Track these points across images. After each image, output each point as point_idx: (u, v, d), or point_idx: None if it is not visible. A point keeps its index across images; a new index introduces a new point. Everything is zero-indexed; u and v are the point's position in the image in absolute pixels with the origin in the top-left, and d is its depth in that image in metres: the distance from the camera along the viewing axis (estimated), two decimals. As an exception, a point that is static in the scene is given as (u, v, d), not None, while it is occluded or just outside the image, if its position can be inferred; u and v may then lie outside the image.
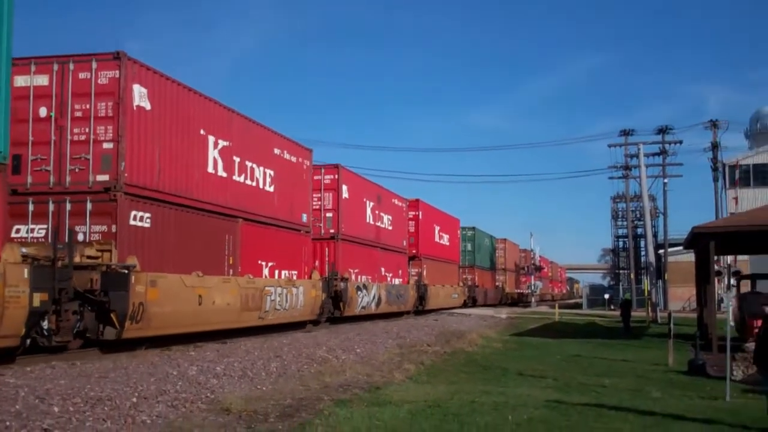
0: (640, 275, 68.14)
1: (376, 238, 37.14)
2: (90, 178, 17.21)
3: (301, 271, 27.29)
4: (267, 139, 25.27)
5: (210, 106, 21.43)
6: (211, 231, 21.13)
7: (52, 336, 15.19)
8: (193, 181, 20.31)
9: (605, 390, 13.98)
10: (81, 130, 17.39)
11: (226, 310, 21.07)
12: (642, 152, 50.48)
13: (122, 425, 9.55)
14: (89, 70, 17.52)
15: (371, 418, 10.27)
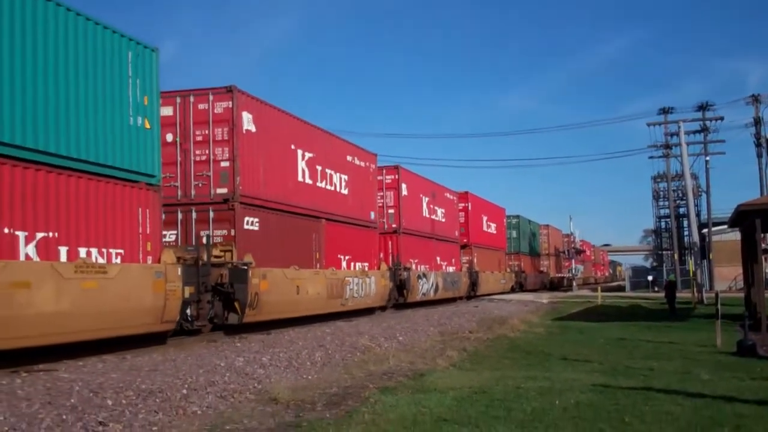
0: (684, 256, 67.37)
1: (431, 230, 40.34)
2: (211, 191, 20.74)
3: (371, 263, 31.02)
4: (341, 148, 29.05)
5: (298, 124, 25.09)
6: (302, 231, 24.76)
7: (194, 321, 18.60)
8: (288, 189, 23.90)
9: (652, 373, 13.82)
10: (202, 151, 20.93)
11: (317, 298, 24.73)
12: (682, 130, 49.73)
13: (174, 416, 9.74)
14: (207, 102, 20.98)
15: (417, 405, 10.31)
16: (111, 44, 16.06)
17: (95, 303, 14.43)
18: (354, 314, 29.07)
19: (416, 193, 38.12)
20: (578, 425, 8.89)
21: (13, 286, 12.58)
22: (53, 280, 13.47)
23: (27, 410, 9.13)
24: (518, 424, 8.95)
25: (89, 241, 14.91)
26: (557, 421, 9.14)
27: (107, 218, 15.48)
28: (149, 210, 16.76)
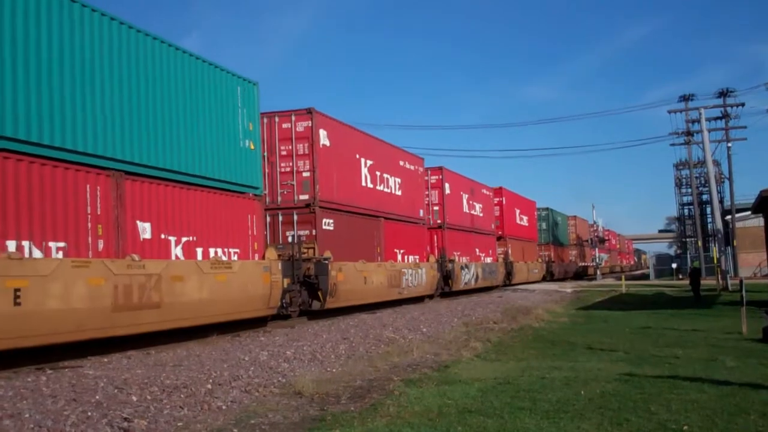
0: (708, 242, 66.83)
1: (471, 224, 44.33)
2: (295, 198, 24.58)
3: (421, 256, 35.00)
4: (394, 154, 32.76)
5: (360, 136, 29.12)
6: (366, 229, 28.79)
7: (287, 307, 22.37)
8: (354, 193, 27.76)
9: (678, 361, 13.70)
10: (286, 164, 24.75)
11: (380, 287, 28.85)
12: (704, 117, 49.27)
13: (199, 411, 9.75)
14: (290, 122, 24.87)
15: (442, 397, 10.29)
16: (226, 83, 20.02)
17: (225, 292, 18.29)
18: (408, 302, 33.22)
19: (457, 191, 41.90)
20: (604, 415, 8.84)
21: (173, 279, 16.46)
22: (197, 275, 17.33)
23: (52, 407, 9.20)
24: (544, 415, 8.91)
25: (216, 243, 18.91)
26: (583, 411, 9.09)
27: (227, 224, 19.50)
28: (255, 216, 20.81)
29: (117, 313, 14.66)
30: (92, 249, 14.81)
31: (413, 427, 8.49)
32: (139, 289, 15.31)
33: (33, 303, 12.74)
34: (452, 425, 8.51)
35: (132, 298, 15.10)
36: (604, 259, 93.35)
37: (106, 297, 14.43)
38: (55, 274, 13.26)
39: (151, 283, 15.69)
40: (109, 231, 15.30)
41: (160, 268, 16.12)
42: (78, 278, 13.78)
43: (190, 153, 18.07)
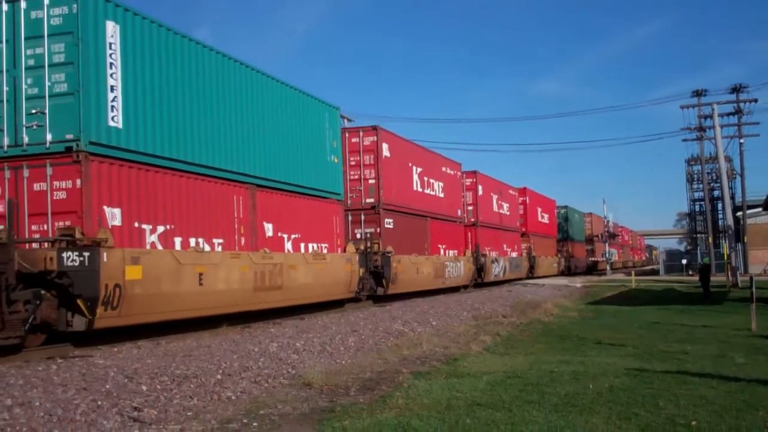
0: (719, 239, 66.65)
1: (500, 222, 48.82)
2: (362, 201, 29.00)
3: (459, 250, 39.58)
4: (438, 161, 37.32)
5: (412, 147, 33.98)
6: (418, 227, 33.41)
7: (360, 292, 26.99)
8: (407, 197, 32.28)
9: (687, 357, 13.70)
10: (355, 172, 29.15)
11: (428, 277, 33.62)
12: (716, 112, 49.02)
13: (208, 402, 9.79)
14: (358, 137, 29.46)
15: (451, 390, 10.31)
16: (319, 109, 24.67)
17: (321, 278, 22.98)
18: (449, 291, 37.66)
19: (488, 192, 46.60)
20: (612, 409, 8.85)
21: (290, 267, 21.05)
22: (304, 264, 22.06)
23: (62, 396, 9.23)
24: (552, 408, 8.93)
25: (313, 239, 23.47)
26: (591, 405, 9.11)
27: (320, 223, 24.06)
28: (338, 217, 25.53)
29: (256, 292, 19.28)
30: (237, 244, 19.22)
31: (422, 419, 8.51)
32: (269, 275, 19.91)
33: (208, 284, 17.19)
34: (461, 418, 8.53)
35: (265, 281, 19.68)
36: (614, 255, 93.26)
37: (250, 280, 18.98)
38: (221, 263, 17.87)
39: (276, 270, 20.34)
40: (247, 230, 19.72)
41: (282, 258, 20.85)
42: (234, 266, 18.38)
43: (296, 168, 22.62)
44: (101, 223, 14.45)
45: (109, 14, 15.19)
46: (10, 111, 14.70)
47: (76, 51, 14.41)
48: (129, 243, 15.14)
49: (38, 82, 14.61)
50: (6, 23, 14.77)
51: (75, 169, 14.20)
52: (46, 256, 13.49)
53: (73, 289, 13.63)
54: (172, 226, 16.61)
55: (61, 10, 14.52)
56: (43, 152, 14.48)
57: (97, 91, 14.74)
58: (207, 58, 18.51)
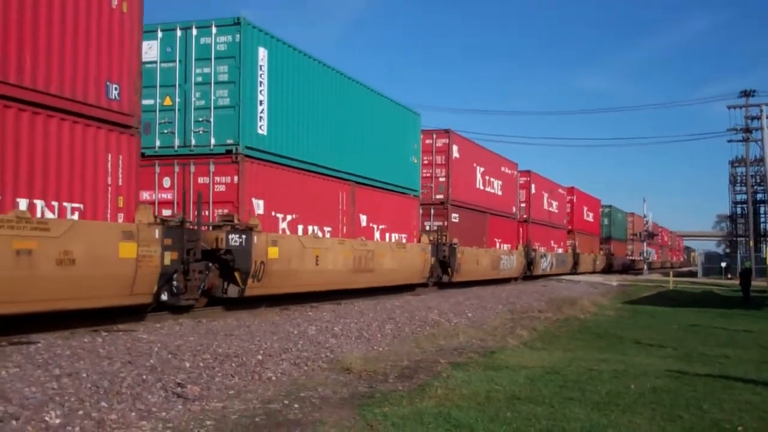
0: (760, 243, 65.62)
1: (549, 219, 51.21)
2: (432, 196, 31.39)
3: (512, 245, 42.26)
4: (497, 161, 39.89)
5: (477, 148, 36.62)
6: (479, 222, 36.02)
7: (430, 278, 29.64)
8: (472, 194, 34.80)
9: (729, 361, 13.50)
10: (427, 171, 31.38)
11: (486, 268, 36.57)
12: (764, 113, 47.90)
13: (249, 381, 9.86)
14: (431, 139, 31.87)
15: (489, 382, 10.25)
16: (404, 116, 27.96)
17: (402, 264, 26.27)
18: (502, 282, 40.25)
19: (540, 191, 48.99)
20: (655, 410, 8.71)
21: (379, 254, 24.26)
22: (390, 251, 25.23)
23: (108, 368, 9.32)
24: (594, 406, 8.82)
25: (396, 229, 26.57)
26: (633, 405, 8.97)
27: (402, 216, 27.20)
28: (415, 211, 28.72)
29: (354, 273, 22.50)
30: (341, 232, 22.33)
31: (462, 410, 8.47)
32: (364, 259, 23.09)
33: (322, 264, 20.41)
34: (501, 410, 8.46)
35: (361, 264, 22.91)
36: (652, 254, 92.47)
37: (350, 263, 22.26)
38: (331, 247, 21.23)
39: (369, 256, 23.52)
40: (348, 221, 22.85)
41: (374, 246, 24.08)
42: (340, 251, 21.70)
43: (386, 167, 25.70)
44: (251, 212, 17.70)
45: (261, 41, 18.46)
46: (180, 118, 17.91)
47: (238, 72, 17.64)
48: (268, 228, 18.30)
49: (205, 96, 17.81)
50: (179, 46, 18.01)
51: (234, 167, 17.54)
52: (218, 236, 16.63)
53: (234, 263, 16.89)
54: (297, 215, 19.91)
55: (226, 38, 17.79)
56: (207, 153, 17.74)
57: (251, 105, 18.00)
58: (325, 75, 21.75)
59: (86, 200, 12.61)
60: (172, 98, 17.96)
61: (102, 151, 13.00)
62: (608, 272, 70.49)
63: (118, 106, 13.39)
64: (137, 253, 13.27)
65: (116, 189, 13.29)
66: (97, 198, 12.87)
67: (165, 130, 17.95)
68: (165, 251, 14.07)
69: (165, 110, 18.00)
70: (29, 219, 11.23)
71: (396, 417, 8.08)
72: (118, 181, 13.32)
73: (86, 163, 12.64)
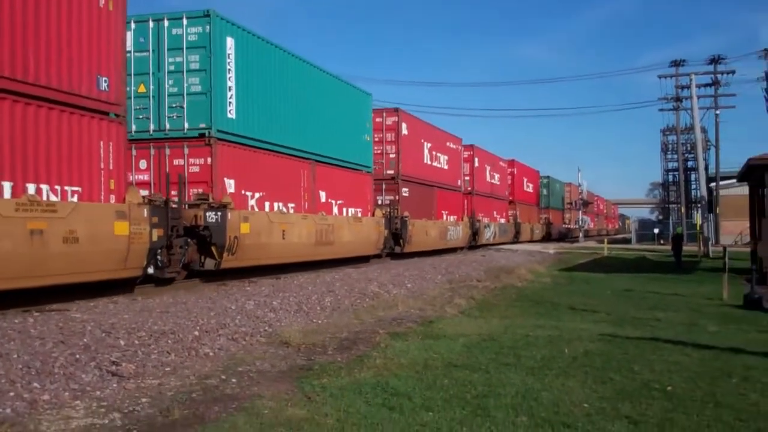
0: (691, 209, 67.26)
1: (491, 191, 53.23)
2: (384, 172, 32.94)
3: (458, 216, 43.99)
4: (443, 137, 41.56)
5: (425, 125, 38.34)
6: (427, 195, 37.73)
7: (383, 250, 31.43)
8: (420, 169, 36.49)
9: (659, 324, 13.88)
10: (378, 147, 32.76)
11: (435, 239, 38.55)
12: (694, 83, 49.17)
13: (186, 357, 9.78)
14: (382, 117, 33.28)
15: (428, 351, 10.39)
16: (358, 97, 29.71)
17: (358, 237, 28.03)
18: (448, 252, 41.84)
19: (483, 164, 51.04)
20: (588, 373, 8.96)
21: (338, 227, 25.90)
22: (347, 225, 27.00)
23: (40, 349, 9.15)
24: (528, 371, 9.02)
25: (352, 204, 28.07)
26: (567, 369, 9.22)
27: (357, 191, 28.81)
28: (369, 186, 30.38)
29: (317, 246, 23.98)
30: (303, 208, 23.71)
31: (400, 378, 8.58)
32: (324, 233, 24.57)
33: (288, 238, 21.87)
34: (438, 378, 8.61)
35: (322, 238, 24.32)
36: (587, 222, 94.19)
37: (313, 236, 23.71)
38: (296, 222, 22.61)
39: (329, 230, 25.01)
40: (309, 197, 24.23)
41: (333, 221, 25.54)
42: (303, 225, 23.15)
43: (342, 146, 27.25)
44: (223, 191, 19.11)
45: (229, 31, 19.78)
46: (154, 105, 19.17)
47: (208, 61, 18.99)
48: (239, 206, 19.62)
49: (177, 83, 19.07)
50: (152, 37, 19.15)
51: (207, 150, 18.95)
52: (196, 214, 18.00)
53: (211, 239, 18.23)
54: (264, 193, 21.32)
55: (197, 29, 19.07)
56: (181, 136, 19.02)
57: (221, 91, 19.34)
58: (286, 61, 23.18)
59: (83, 183, 13.96)
60: (146, 86, 19.15)
61: (95, 138, 14.33)
62: (547, 241, 72.63)
63: (107, 96, 14.72)
64: (129, 231, 14.66)
65: (108, 172, 14.59)
66: (92, 181, 14.21)
67: (140, 116, 19.01)
68: (153, 228, 15.47)
69: (140, 97, 19.05)
70: (39, 202, 12.54)
71: (334, 388, 8.14)
72: (109, 165, 14.63)
73: (82, 150, 13.96)
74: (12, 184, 12.35)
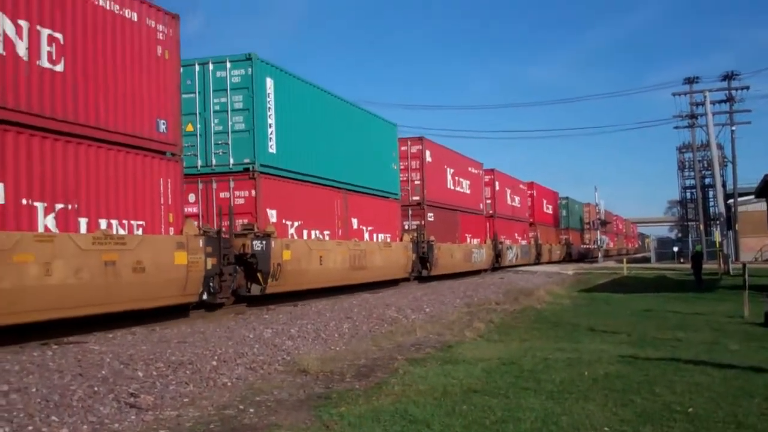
0: (710, 226, 66.82)
1: (512, 213, 54.63)
2: (410, 198, 34.22)
3: (481, 239, 45.78)
4: (465, 162, 43.00)
5: (447, 152, 39.56)
6: (451, 219, 39.11)
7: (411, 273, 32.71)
8: (444, 194, 37.81)
9: (680, 344, 13.70)
10: (404, 175, 34.08)
11: (461, 261, 40.11)
12: (708, 100, 48.84)
13: (204, 388, 9.78)
14: (407, 146, 34.69)
15: (446, 376, 10.31)
16: (386, 128, 31.52)
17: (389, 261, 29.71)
18: (472, 274, 43.15)
19: (503, 187, 52.52)
20: (608, 396, 8.86)
21: (370, 252, 27.53)
22: (379, 250, 28.62)
23: (59, 382, 9.18)
24: (548, 395, 8.94)
25: (382, 230, 29.65)
26: (587, 392, 9.12)
27: (386, 218, 30.49)
28: (397, 212, 32.08)
29: (351, 271, 25.53)
30: (337, 234, 25.26)
31: (418, 405, 8.52)
32: (358, 258, 26.14)
33: (325, 264, 23.41)
34: (457, 404, 8.54)
35: (355, 263, 25.91)
36: (606, 242, 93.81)
37: (347, 261, 25.27)
38: (332, 248, 24.24)
39: (362, 255, 26.55)
40: (342, 224, 25.79)
41: (365, 246, 27.13)
42: (339, 251, 24.70)
43: (371, 175, 28.92)
44: (266, 221, 20.57)
45: (268, 72, 21.37)
46: (201, 142, 20.71)
47: (251, 101, 20.57)
48: (281, 234, 21.07)
49: (223, 122, 20.70)
50: (198, 79, 20.78)
51: (251, 183, 20.42)
52: (244, 243, 19.48)
53: (257, 266, 19.57)
54: (302, 221, 22.86)
55: (239, 72, 20.68)
56: (227, 171, 20.56)
57: (263, 128, 20.91)
58: (319, 97, 24.77)
59: (146, 218, 15.54)
60: (194, 124, 20.61)
61: (156, 176, 15.96)
62: (567, 261, 73.27)
63: (165, 137, 16.37)
64: (188, 260, 16.21)
65: (167, 207, 16.20)
66: (154, 215, 15.80)
67: (188, 152, 19.72)
68: (207, 257, 17.07)
69: (187, 135, 19.94)
70: (112, 236, 14.09)
71: (352, 416, 8.09)
72: (168, 200, 16.24)
73: (145, 187, 15.57)
74: (87, 219, 13.84)
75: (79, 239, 13.26)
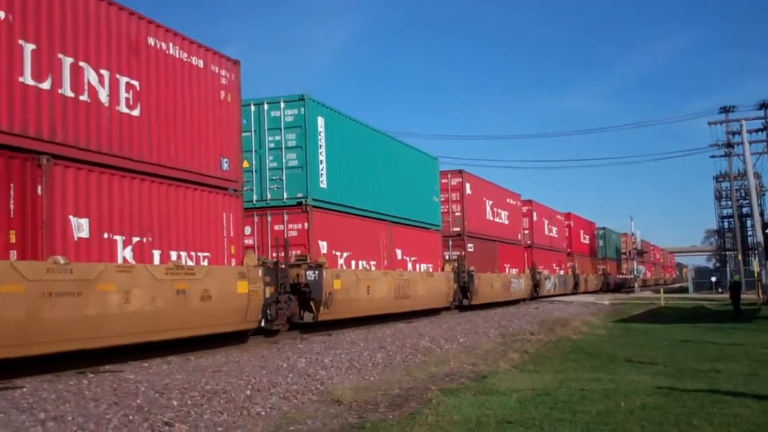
0: (748, 256, 65.81)
1: (550, 244, 55.61)
2: (450, 229, 35.27)
3: (519, 269, 46.33)
4: (503, 193, 44.08)
5: (486, 183, 40.70)
6: (490, 250, 40.06)
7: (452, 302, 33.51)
8: (482, 225, 38.78)
9: (719, 375, 13.50)
10: (444, 207, 35.06)
11: (499, 291, 40.77)
12: (744, 128, 48.26)
13: (238, 417, 9.79)
14: (447, 179, 35.94)
15: (480, 407, 10.23)
16: (427, 162, 32.84)
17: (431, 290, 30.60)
18: (510, 303, 43.47)
19: (541, 218, 53.51)
20: (645, 428, 8.75)
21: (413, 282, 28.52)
22: (422, 279, 29.57)
23: (94, 410, 9.26)
24: (584, 427, 8.83)
25: (424, 260, 30.63)
26: (624, 424, 9.01)
27: (428, 248, 31.51)
28: (438, 243, 33.00)
29: (396, 300, 26.52)
30: (382, 264, 26.45)
31: (452, 436, 8.46)
32: (402, 288, 27.22)
33: (372, 293, 24.55)
34: (491, 435, 8.47)
35: (400, 292, 26.95)
36: (642, 272, 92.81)
37: (392, 291, 26.40)
38: (378, 278, 25.37)
39: (406, 285, 27.63)
40: (387, 255, 26.95)
41: (409, 276, 28.19)
42: (385, 281, 25.85)
43: (415, 207, 30.18)
44: (318, 252, 21.82)
45: (319, 112, 22.72)
46: (257, 178, 22.01)
47: (304, 139, 21.91)
48: (331, 265, 22.27)
49: (277, 159, 22.10)
50: (254, 119, 22.20)
51: (304, 216, 21.78)
52: (298, 273, 20.80)
53: (310, 294, 20.81)
54: (350, 252, 24.05)
55: (293, 111, 22.09)
56: (281, 205, 21.93)
57: (314, 164, 22.20)
58: (365, 133, 26.06)
59: (211, 249, 16.75)
60: (249, 161, 21.74)
61: (220, 210, 17.23)
62: (605, 291, 73.69)
63: (228, 174, 17.77)
64: (248, 289, 17.37)
65: (229, 239, 17.44)
66: (218, 247, 17.03)
67: (245, 187, 20.44)
68: (266, 286, 18.29)
69: (244, 171, 20.54)
70: (182, 266, 15.28)
71: (385, 446, 8.03)
72: (230, 233, 17.47)
73: (210, 221, 16.81)
74: (160, 251, 15.02)
75: (154, 270, 14.42)
